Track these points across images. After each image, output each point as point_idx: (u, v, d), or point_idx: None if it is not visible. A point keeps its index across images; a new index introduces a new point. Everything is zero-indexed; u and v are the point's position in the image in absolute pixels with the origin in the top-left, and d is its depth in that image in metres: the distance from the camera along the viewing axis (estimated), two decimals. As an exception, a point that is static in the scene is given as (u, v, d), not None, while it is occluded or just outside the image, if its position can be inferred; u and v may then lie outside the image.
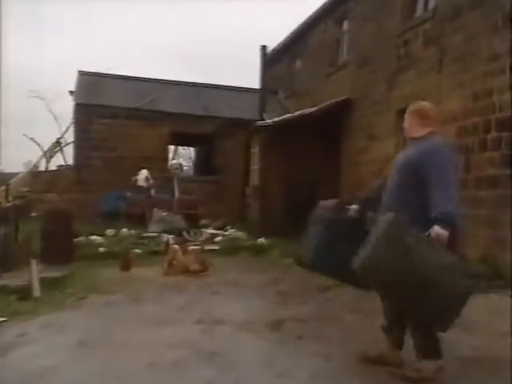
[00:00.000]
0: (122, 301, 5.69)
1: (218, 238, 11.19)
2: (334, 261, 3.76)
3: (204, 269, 7.69)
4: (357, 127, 10.98)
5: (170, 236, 10.70)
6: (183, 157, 23.79)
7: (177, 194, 14.15)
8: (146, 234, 10.94)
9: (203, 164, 18.00)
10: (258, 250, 10.11)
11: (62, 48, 47.88)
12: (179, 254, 7.85)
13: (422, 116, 3.66)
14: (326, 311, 5.42)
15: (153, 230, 11.22)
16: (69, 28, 51.43)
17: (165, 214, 11.57)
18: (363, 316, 5.02)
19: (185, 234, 10.91)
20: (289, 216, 11.00)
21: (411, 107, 3.75)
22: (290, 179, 11.31)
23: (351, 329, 4.70)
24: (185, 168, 23.76)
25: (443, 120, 7.34)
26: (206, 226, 12.87)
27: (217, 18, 55.23)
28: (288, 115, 11.22)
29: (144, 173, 13.91)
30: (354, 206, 3.93)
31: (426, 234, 3.18)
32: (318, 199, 4.35)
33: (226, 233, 11.72)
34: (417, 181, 3.39)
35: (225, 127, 15.30)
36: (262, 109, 12.80)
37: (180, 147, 22.10)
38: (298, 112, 11.57)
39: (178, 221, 11.43)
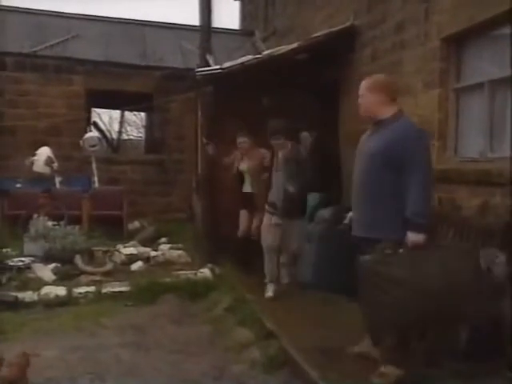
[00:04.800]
0: None
1: (137, 265, 7.18)
2: (336, 276, 4.01)
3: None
4: (366, 75, 6.77)
5: (51, 265, 6.74)
6: (133, 125, 19.44)
7: (96, 183, 10.09)
8: (15, 260, 6.91)
9: (148, 137, 13.90)
10: (195, 293, 6.12)
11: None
12: None
13: (387, 91, 3.55)
14: None
15: (28, 252, 7.19)
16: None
17: (50, 223, 7.47)
18: None
19: (78, 260, 6.87)
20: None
21: (368, 81, 3.71)
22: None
23: None
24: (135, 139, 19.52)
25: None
26: (132, 236, 8.86)
27: None
28: (248, 57, 6.99)
29: (44, 152, 9.80)
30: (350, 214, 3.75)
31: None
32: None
33: (155, 252, 7.67)
34: (392, 173, 3.35)
35: (172, 82, 11.09)
36: (206, 50, 8.56)
37: (128, 112, 17.72)
38: (267, 52, 7.36)
39: (74, 235, 7.34)
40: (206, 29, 8.70)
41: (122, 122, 18.67)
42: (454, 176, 5.12)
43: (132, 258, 7.37)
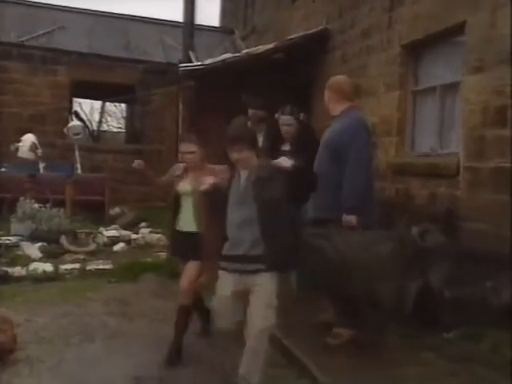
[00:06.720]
0: None
1: (119, 246, 7.62)
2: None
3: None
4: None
5: (38, 244, 7.13)
6: (113, 116, 19.69)
7: (79, 170, 10.44)
8: (3, 239, 7.28)
9: (128, 128, 14.23)
10: (174, 272, 6.55)
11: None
12: None
13: (336, 90, 3.89)
14: None
15: (15, 231, 7.57)
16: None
17: (37, 205, 7.86)
18: None
19: (63, 240, 7.27)
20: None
21: (328, 81, 4.05)
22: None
23: None
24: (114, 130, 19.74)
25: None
26: (113, 221, 9.26)
27: None
28: (228, 55, 7.48)
29: (29, 139, 10.10)
30: None
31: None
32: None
33: (136, 235, 8.11)
34: (336, 161, 3.71)
35: (154, 75, 11.48)
36: (188, 46, 9.00)
37: (109, 103, 17.94)
38: (246, 50, 7.86)
39: (59, 217, 7.74)
40: (189, 26, 9.13)
41: (102, 113, 18.90)
42: (409, 169, 5.71)
43: (114, 240, 7.79)
